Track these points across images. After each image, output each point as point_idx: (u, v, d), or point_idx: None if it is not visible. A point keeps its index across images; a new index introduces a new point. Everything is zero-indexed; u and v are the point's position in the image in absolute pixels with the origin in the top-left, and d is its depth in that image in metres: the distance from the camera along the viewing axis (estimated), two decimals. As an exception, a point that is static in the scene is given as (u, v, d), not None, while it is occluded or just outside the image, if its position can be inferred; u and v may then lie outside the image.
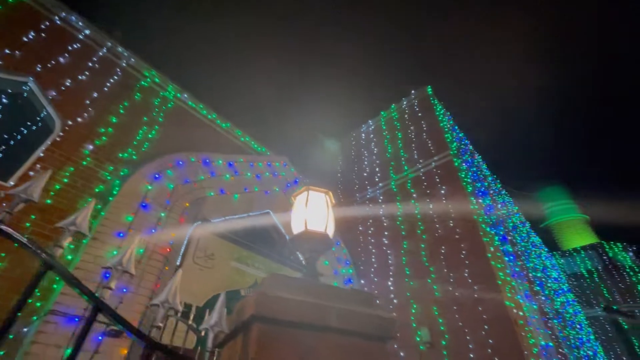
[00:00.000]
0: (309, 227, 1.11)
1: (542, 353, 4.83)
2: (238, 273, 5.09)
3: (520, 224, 10.71)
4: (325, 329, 0.77)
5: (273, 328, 0.73)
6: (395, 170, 7.70)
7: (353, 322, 0.79)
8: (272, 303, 0.73)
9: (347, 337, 0.77)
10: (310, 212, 1.16)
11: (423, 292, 5.62)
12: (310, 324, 0.75)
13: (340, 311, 0.79)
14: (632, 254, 14.92)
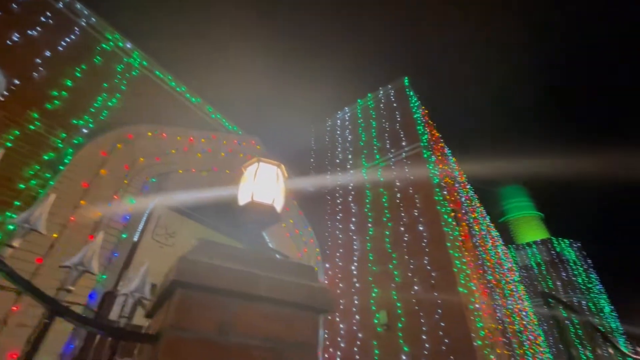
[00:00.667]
0: (256, 199, 1.08)
1: (489, 336, 5.19)
2: (201, 252, 4.98)
3: (481, 217, 11.29)
4: (252, 298, 0.75)
5: (195, 294, 0.70)
6: (367, 159, 7.79)
7: (283, 291, 0.77)
8: (194, 268, 0.70)
9: (276, 306, 0.76)
10: (258, 183, 1.12)
11: (384, 277, 5.82)
12: (236, 291, 0.73)
13: (270, 280, 0.77)
14: (576, 250, 16.32)
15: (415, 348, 4.87)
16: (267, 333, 0.74)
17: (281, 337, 0.76)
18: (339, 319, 5.96)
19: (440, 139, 9.34)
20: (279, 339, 0.75)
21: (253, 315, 0.75)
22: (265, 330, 0.75)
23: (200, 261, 0.71)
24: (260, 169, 1.17)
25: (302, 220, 6.70)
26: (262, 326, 0.75)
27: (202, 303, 0.70)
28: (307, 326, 0.81)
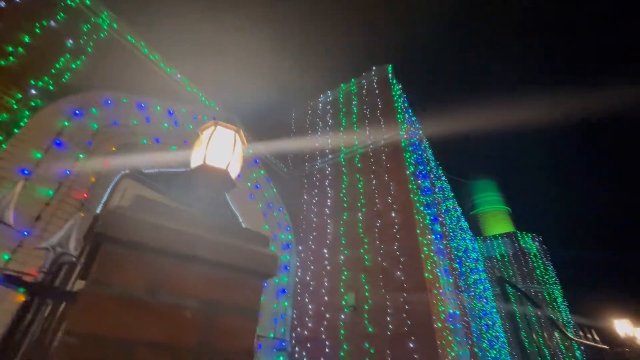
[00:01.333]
0: (208, 162, 1.02)
1: (448, 319, 5.45)
2: (169, 228, 4.85)
3: (452, 209, 11.68)
4: (189, 258, 0.71)
5: (122, 250, 0.65)
6: (346, 144, 7.77)
7: (223, 253, 0.74)
8: (122, 222, 0.65)
9: (215, 268, 0.73)
10: (213, 147, 1.06)
11: (354, 261, 5.93)
12: (170, 250, 0.69)
13: (210, 242, 0.74)
14: (538, 244, 17.34)
15: (379, 329, 5.04)
16: (203, 295, 0.71)
17: (219, 300, 0.73)
18: (308, 299, 6.05)
19: (419, 129, 9.46)
20: (217, 302, 0.72)
21: (189, 276, 0.71)
22: (201, 292, 0.71)
23: (129, 216, 0.66)
24: (217, 133, 1.11)
25: (278, 202, 6.66)
26: (199, 288, 0.71)
27: (130, 260, 0.65)
28: (248, 291, 0.78)
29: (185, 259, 0.71)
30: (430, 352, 4.53)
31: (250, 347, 0.73)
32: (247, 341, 0.73)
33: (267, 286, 5.88)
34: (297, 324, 5.91)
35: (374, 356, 4.88)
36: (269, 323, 5.55)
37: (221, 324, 0.71)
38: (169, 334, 0.65)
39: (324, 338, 5.46)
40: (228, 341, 0.71)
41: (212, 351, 0.68)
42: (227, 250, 0.76)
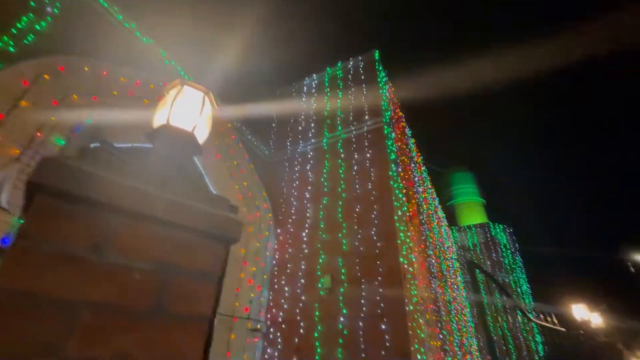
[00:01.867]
0: (172, 122, 0.95)
1: (420, 303, 5.63)
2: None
3: (431, 198, 11.96)
4: (143, 217, 0.66)
5: (62, 203, 0.59)
6: (329, 129, 7.71)
7: (182, 215, 0.69)
8: (63, 173, 0.58)
9: (172, 230, 0.67)
10: (178, 107, 0.99)
11: (332, 245, 5.98)
12: (119, 206, 0.63)
13: (167, 202, 0.68)
14: (508, 235, 18.17)
15: (353, 311, 5.15)
16: (158, 257, 0.66)
17: (176, 262, 0.68)
18: (285, 281, 6.08)
19: (402, 118, 9.51)
20: (174, 265, 0.67)
21: (142, 236, 0.66)
22: (156, 254, 0.66)
23: (71, 166, 0.59)
24: (184, 93, 1.03)
25: (257, 184, 6.56)
26: (154, 249, 0.66)
27: (70, 214, 0.59)
28: (210, 255, 0.74)
29: (137, 217, 0.65)
30: (401, 334, 4.68)
31: (209, 313, 0.69)
32: (206, 307, 0.69)
33: (243, 266, 5.85)
34: (272, 306, 5.94)
35: (347, 337, 4.99)
36: (244, 304, 5.55)
37: (178, 287, 0.67)
38: (119, 295, 0.60)
39: (299, 319, 5.53)
40: (185, 306, 0.66)
41: (168, 315, 0.64)
42: (186, 212, 0.71)
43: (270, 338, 5.62)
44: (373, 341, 4.79)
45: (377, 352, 4.67)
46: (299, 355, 5.20)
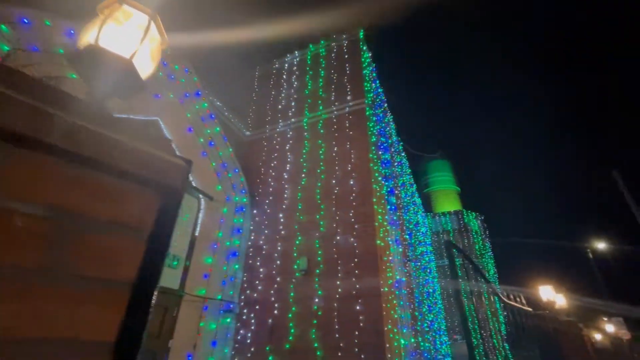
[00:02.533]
0: (102, 44, 0.74)
1: (395, 284, 5.68)
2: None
3: (409, 184, 12.08)
4: (34, 144, 0.46)
5: None
6: (310, 109, 7.47)
7: (94, 147, 0.50)
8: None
9: (75, 166, 0.49)
10: (113, 28, 0.78)
11: (310, 226, 5.87)
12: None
13: (73, 127, 0.49)
14: (480, 222, 18.87)
15: (329, 292, 5.11)
16: (51, 200, 0.48)
17: (79, 209, 0.50)
18: (260, 263, 5.94)
19: (385, 101, 9.39)
20: (74, 212, 0.49)
21: (29, 169, 0.47)
22: (48, 196, 0.48)
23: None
24: (121, 13, 0.82)
25: (233, 162, 6.28)
26: (45, 189, 0.47)
27: None
28: (133, 204, 0.56)
29: (24, 143, 0.46)
30: (375, 314, 4.70)
31: (130, 277, 0.52)
32: (126, 270, 0.52)
33: (216, 247, 5.65)
34: (246, 287, 5.81)
35: (321, 317, 4.96)
36: (217, 285, 5.38)
37: (83, 242, 0.49)
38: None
39: (273, 300, 5.44)
40: (93, 267, 0.49)
41: (66, 278, 0.46)
42: (99, 143, 0.53)
43: (243, 319, 5.51)
44: (347, 321, 4.79)
45: (351, 332, 4.68)
46: (273, 336, 5.13)
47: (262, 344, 5.14)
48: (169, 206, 0.62)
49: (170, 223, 0.62)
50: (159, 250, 0.58)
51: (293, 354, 4.85)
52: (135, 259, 0.54)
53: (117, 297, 0.50)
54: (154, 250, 0.57)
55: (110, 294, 0.49)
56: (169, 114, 5.47)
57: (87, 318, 0.46)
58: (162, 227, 0.60)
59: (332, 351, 4.67)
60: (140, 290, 0.53)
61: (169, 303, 4.90)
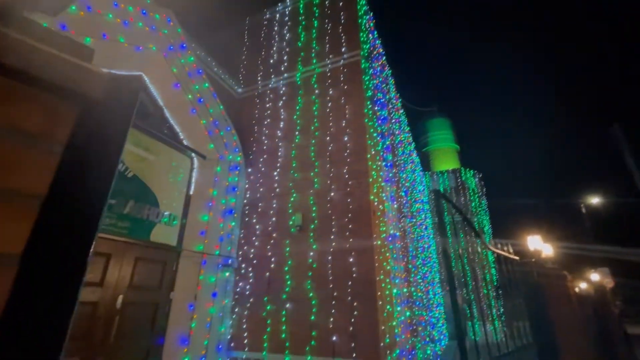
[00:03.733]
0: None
1: (388, 238, 5.82)
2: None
3: (407, 142, 11.94)
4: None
5: None
6: (303, 62, 7.12)
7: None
8: None
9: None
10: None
11: (304, 184, 5.88)
12: None
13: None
14: (477, 179, 18.98)
15: (323, 246, 5.25)
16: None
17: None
18: (256, 220, 6.04)
19: (382, 54, 8.94)
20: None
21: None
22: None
23: None
24: None
25: (225, 120, 6.12)
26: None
27: None
28: (34, 110, 0.49)
29: None
30: (368, 266, 4.86)
31: (38, 191, 0.47)
32: (32, 181, 0.47)
33: (211, 205, 5.70)
34: (244, 243, 5.97)
35: (316, 270, 5.15)
36: (215, 241, 5.51)
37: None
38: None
39: (270, 255, 5.61)
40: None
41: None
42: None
43: (242, 273, 5.73)
44: (341, 273, 4.97)
45: (345, 282, 4.87)
46: (270, 288, 5.36)
47: (260, 295, 5.39)
48: (91, 119, 0.56)
49: (95, 139, 0.56)
50: (79, 165, 0.53)
51: (290, 303, 5.10)
52: (45, 171, 0.48)
53: (23, 208, 0.45)
54: (71, 165, 0.51)
55: (8, 205, 0.44)
56: (153, 68, 5.21)
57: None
58: (82, 141, 0.54)
59: (327, 300, 4.90)
60: (52, 205, 0.48)
61: (168, 258, 5.05)
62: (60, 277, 0.48)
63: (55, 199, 0.50)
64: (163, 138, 5.34)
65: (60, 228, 0.50)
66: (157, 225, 5.02)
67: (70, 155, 0.53)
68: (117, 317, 4.11)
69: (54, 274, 0.47)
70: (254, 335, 5.18)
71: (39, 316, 0.45)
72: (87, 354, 3.73)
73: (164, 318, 4.78)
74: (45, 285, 0.46)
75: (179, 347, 4.68)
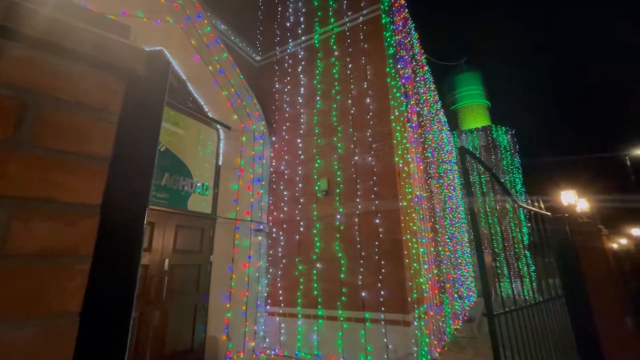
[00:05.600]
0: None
1: (414, 199, 5.84)
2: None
3: (432, 101, 11.42)
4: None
5: None
6: (320, 23, 6.85)
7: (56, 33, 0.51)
8: None
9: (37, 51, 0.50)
10: None
11: (328, 149, 5.92)
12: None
13: (32, 12, 0.49)
14: (509, 136, 18.02)
15: (349, 208, 5.38)
16: (15, 81, 0.50)
17: (44, 90, 0.53)
18: (283, 187, 6.24)
19: (404, 5, 8.34)
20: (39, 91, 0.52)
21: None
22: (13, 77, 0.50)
23: None
24: None
25: (246, 90, 6.15)
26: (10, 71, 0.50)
27: None
28: (96, 87, 0.58)
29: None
30: (394, 226, 4.96)
31: (105, 154, 0.57)
32: (99, 147, 0.57)
33: (240, 175, 5.94)
34: (273, 209, 6.24)
35: (343, 231, 5.33)
36: (245, 208, 5.81)
37: (53, 119, 0.53)
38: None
39: (299, 219, 5.86)
40: (65, 140, 0.54)
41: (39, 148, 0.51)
42: (62, 29, 0.53)
43: (273, 236, 6.06)
44: (368, 234, 5.12)
45: (372, 242, 5.04)
46: (301, 249, 5.66)
47: (292, 256, 5.72)
48: (136, 92, 0.64)
49: (140, 109, 0.65)
50: (132, 132, 0.62)
51: (320, 263, 5.39)
52: (107, 137, 0.58)
53: (94, 169, 0.56)
54: (126, 132, 0.61)
55: (85, 166, 0.55)
56: (173, 42, 5.26)
57: (62, 183, 0.52)
58: (131, 111, 0.63)
59: (355, 260, 5.12)
60: (118, 164, 0.59)
61: (205, 225, 5.43)
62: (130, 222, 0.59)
63: (118, 160, 0.60)
64: (189, 112, 5.51)
65: (126, 183, 0.61)
66: (192, 195, 5.35)
67: (123, 124, 0.62)
68: (166, 277, 4.58)
69: (126, 219, 0.58)
70: (288, 293, 5.59)
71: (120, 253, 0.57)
72: (145, 308, 4.25)
73: (206, 278, 5.25)
74: (121, 230, 0.58)
75: (222, 303, 5.17)
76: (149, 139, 0.67)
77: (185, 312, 4.82)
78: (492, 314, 2.14)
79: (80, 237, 0.52)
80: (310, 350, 5.09)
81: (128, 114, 0.63)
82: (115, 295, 0.56)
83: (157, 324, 4.34)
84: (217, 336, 4.99)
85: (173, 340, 4.52)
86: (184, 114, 5.42)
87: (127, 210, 0.60)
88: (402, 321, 4.54)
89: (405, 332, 4.49)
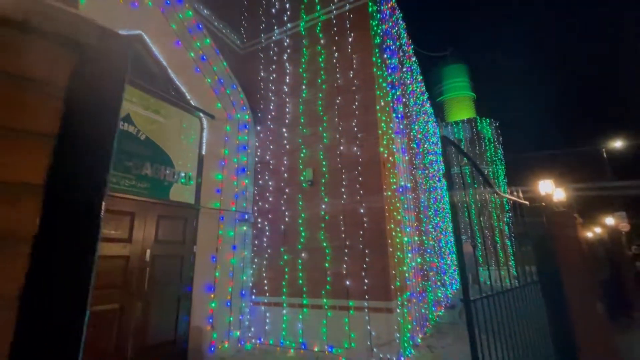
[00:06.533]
0: None
1: (398, 190, 5.90)
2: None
3: (419, 92, 11.47)
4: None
5: None
6: (307, 10, 6.71)
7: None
8: None
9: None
10: None
11: (313, 139, 5.89)
12: None
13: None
14: (493, 129, 18.37)
15: (334, 198, 5.39)
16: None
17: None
18: (268, 177, 6.19)
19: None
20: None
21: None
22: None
23: None
24: None
25: (230, 78, 6.01)
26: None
27: None
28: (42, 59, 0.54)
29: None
30: (378, 216, 5.01)
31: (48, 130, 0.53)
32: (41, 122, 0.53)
33: (224, 164, 5.84)
34: (258, 199, 6.19)
35: (328, 221, 5.35)
36: (230, 198, 5.74)
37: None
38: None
39: (284, 209, 5.84)
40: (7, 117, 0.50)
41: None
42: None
43: (258, 226, 6.03)
44: (352, 223, 5.16)
45: (356, 231, 5.08)
46: (286, 239, 5.66)
47: (277, 246, 5.72)
48: (89, 67, 0.60)
49: (95, 86, 0.61)
50: (85, 109, 0.58)
51: (305, 253, 5.41)
52: (54, 114, 0.54)
53: (37, 146, 0.52)
54: (77, 109, 0.57)
55: (27, 143, 0.51)
56: (152, 26, 5.05)
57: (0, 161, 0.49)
58: (84, 88, 0.59)
59: (339, 249, 5.16)
60: (67, 143, 0.55)
61: (187, 215, 5.34)
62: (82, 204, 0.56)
63: (67, 138, 0.56)
64: (171, 99, 5.35)
65: (77, 163, 0.57)
66: (174, 185, 5.24)
67: (74, 101, 0.58)
68: (148, 268, 4.50)
69: (76, 201, 0.55)
70: (273, 282, 5.60)
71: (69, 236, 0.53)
72: (126, 300, 4.18)
73: (190, 269, 5.20)
74: (71, 213, 0.54)
75: (206, 294, 5.14)
76: (107, 118, 0.63)
77: (168, 303, 4.77)
78: (468, 299, 2.19)
79: (21, 218, 0.49)
80: (295, 338, 5.14)
81: (79, 90, 0.59)
82: (66, 281, 0.53)
83: (139, 316, 4.28)
84: (201, 326, 4.97)
85: (156, 331, 4.47)
86: (165, 102, 5.26)
87: (77, 191, 0.56)
88: (385, 308, 4.63)
89: (388, 319, 4.59)
